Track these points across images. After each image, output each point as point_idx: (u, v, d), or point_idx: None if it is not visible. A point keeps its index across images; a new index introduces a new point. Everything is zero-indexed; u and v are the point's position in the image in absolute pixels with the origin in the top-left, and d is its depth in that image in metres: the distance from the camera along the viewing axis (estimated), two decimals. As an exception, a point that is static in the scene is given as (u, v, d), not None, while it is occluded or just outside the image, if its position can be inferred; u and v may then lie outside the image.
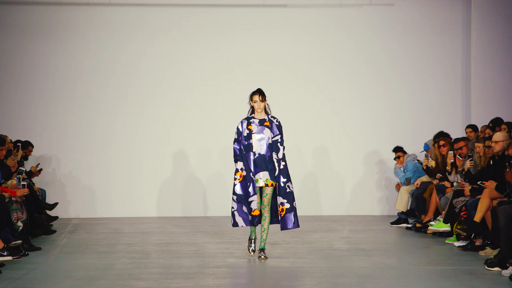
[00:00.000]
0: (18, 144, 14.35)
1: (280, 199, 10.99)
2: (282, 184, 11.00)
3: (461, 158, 13.61)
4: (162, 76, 16.81)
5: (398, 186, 15.45)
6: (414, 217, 14.67)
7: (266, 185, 10.97)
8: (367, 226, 15.18)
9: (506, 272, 9.91)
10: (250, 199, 10.96)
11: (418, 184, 14.64)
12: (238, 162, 11.04)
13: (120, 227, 15.05)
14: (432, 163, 14.37)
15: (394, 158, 15.62)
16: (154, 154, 16.80)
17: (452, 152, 13.61)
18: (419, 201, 14.42)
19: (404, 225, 14.90)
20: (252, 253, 11.19)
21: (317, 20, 16.92)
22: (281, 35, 16.89)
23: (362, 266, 10.80)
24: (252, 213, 10.99)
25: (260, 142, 11.03)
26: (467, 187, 12.58)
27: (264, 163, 10.98)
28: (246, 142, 11.04)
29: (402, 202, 15.06)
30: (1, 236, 10.96)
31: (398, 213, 15.19)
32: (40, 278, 10.16)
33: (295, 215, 11.08)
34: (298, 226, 11.16)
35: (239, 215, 11.04)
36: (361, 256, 11.63)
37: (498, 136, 12.27)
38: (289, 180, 11.06)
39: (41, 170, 15.34)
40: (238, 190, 11.01)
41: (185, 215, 16.66)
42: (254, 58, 16.83)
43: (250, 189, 10.92)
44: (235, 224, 11.07)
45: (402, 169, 15.40)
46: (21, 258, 11.37)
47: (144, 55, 16.80)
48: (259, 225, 11.17)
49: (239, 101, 13.41)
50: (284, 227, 11.10)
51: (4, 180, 12.46)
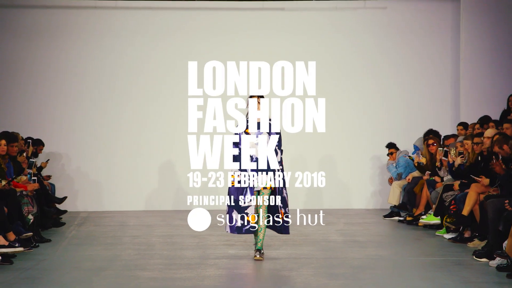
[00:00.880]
0: (28, 140, 14.36)
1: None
2: (279, 189, 10.38)
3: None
4: (165, 76, 16.82)
5: (390, 181, 15.47)
6: (406, 210, 14.69)
7: (265, 188, 10.33)
8: (361, 219, 15.20)
9: (493, 262, 9.93)
10: (245, 205, 10.29)
11: (409, 179, 14.67)
12: (236, 166, 10.43)
13: (125, 220, 15.06)
14: (423, 160, 14.41)
15: (387, 154, 15.65)
16: (158, 151, 16.80)
17: (441, 148, 13.63)
18: (411, 195, 14.45)
19: (396, 218, 14.92)
20: (259, 256, 10.33)
21: (313, 22, 16.93)
22: (279, 37, 16.90)
23: (357, 257, 10.82)
24: (247, 218, 10.29)
25: (257, 146, 10.42)
26: (457, 182, 12.62)
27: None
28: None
29: (395, 196, 15.09)
30: (13, 228, 10.98)
31: (391, 206, 15.21)
32: (49, 268, 10.18)
33: (288, 222, 10.43)
34: (288, 232, 10.52)
35: (228, 220, 10.36)
36: (355, 247, 11.65)
37: (489, 132, 12.32)
38: (284, 185, 10.41)
39: (48, 160, 15.37)
40: (232, 194, 10.41)
41: (188, 209, 16.67)
42: (253, 58, 16.81)
43: (248, 194, 10.29)
44: (225, 227, 10.44)
45: (394, 164, 15.43)
46: (31, 249, 11.39)
47: (148, 56, 16.81)
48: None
49: (239, 100, 13.39)
50: (285, 232, 10.45)
51: (15, 175, 12.48)
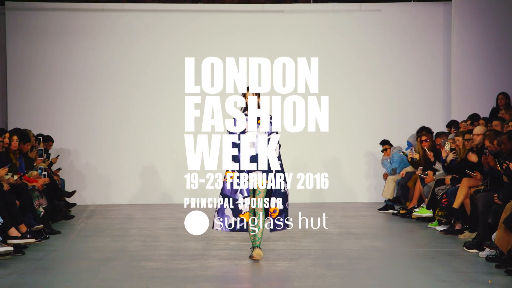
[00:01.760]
0: (39, 137, 14.38)
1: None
2: (277, 183, 9.72)
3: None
4: (169, 75, 16.82)
5: (385, 176, 15.48)
6: (399, 204, 14.70)
7: (260, 184, 9.65)
8: (357, 212, 15.20)
9: (482, 253, 9.95)
10: (238, 201, 9.63)
11: (403, 174, 14.68)
12: (231, 161, 9.74)
13: (132, 213, 15.07)
14: (416, 156, 14.43)
15: (382, 151, 15.65)
16: (163, 146, 16.81)
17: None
18: (404, 189, 14.46)
19: (390, 211, 14.93)
20: (259, 257, 9.68)
21: (312, 24, 16.92)
22: (279, 38, 16.91)
23: (353, 248, 10.83)
24: (240, 215, 9.61)
25: (254, 141, 9.76)
26: (448, 177, 12.64)
27: (258, 163, 9.66)
28: (239, 141, 9.77)
29: (389, 190, 15.10)
30: (24, 221, 11.00)
31: (385, 200, 15.22)
32: (59, 259, 10.21)
33: (285, 216, 9.76)
34: (286, 227, 9.80)
35: (218, 216, 9.73)
36: (351, 239, 11.66)
37: (479, 129, 12.34)
38: (284, 179, 9.81)
39: (58, 156, 15.40)
40: (226, 190, 9.74)
41: (190, 202, 16.65)
42: (254, 57, 16.80)
43: (243, 191, 9.62)
44: (213, 225, 9.83)
45: (388, 160, 15.44)
46: (42, 241, 11.41)
47: (153, 56, 16.81)
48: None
49: (239, 97, 13.39)
50: (274, 228, 9.71)
51: (27, 170, 12.50)
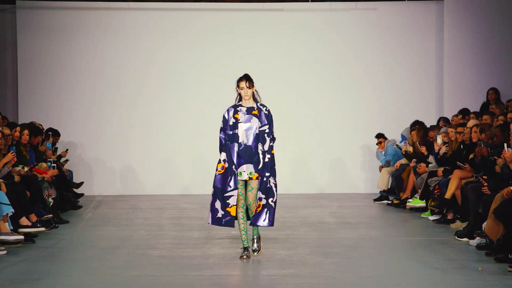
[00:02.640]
0: (49, 132, 14.39)
1: (259, 194, 8.94)
2: (265, 178, 8.94)
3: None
4: (172, 71, 16.82)
5: (380, 168, 15.50)
6: (394, 194, 14.72)
7: (250, 178, 8.97)
8: (353, 202, 15.22)
9: (473, 242, 9.97)
10: (227, 194, 8.93)
11: (397, 166, 14.69)
12: (222, 153, 9.01)
13: (137, 203, 15.09)
14: (410, 149, 14.45)
15: (376, 144, 15.66)
16: (166, 139, 16.82)
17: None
18: (398, 180, 14.47)
19: (385, 201, 14.94)
20: (246, 257, 9.03)
21: (310, 22, 16.92)
22: (278, 35, 16.90)
23: (349, 237, 10.84)
24: (227, 208, 8.92)
25: (247, 132, 9.00)
26: (440, 169, 12.65)
27: (249, 155, 8.97)
28: (232, 132, 8.99)
29: (384, 181, 15.11)
30: (34, 210, 11.03)
31: (380, 191, 15.24)
32: (68, 247, 10.23)
33: (271, 213, 8.92)
34: (271, 224, 8.95)
35: (210, 210, 9.05)
36: (347, 228, 11.68)
37: (471, 123, 12.35)
38: (272, 174, 8.97)
39: (67, 150, 15.42)
40: (217, 183, 9.00)
41: (194, 193, 16.70)
42: (255, 55, 16.84)
43: (231, 183, 8.92)
44: (208, 219, 9.13)
45: (383, 153, 15.45)
46: (51, 230, 11.44)
47: (157, 53, 16.81)
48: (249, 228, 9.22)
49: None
50: (253, 223, 8.93)
51: (37, 162, 12.52)
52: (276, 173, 9.06)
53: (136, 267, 8.66)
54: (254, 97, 9.13)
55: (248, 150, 8.98)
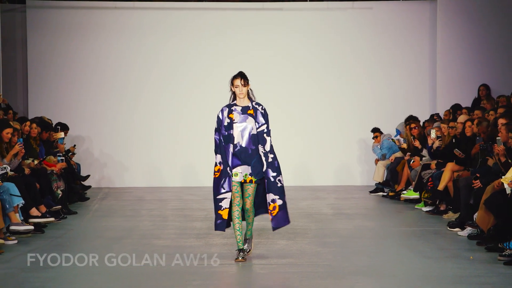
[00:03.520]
0: (58, 127, 14.40)
1: (270, 196, 8.32)
2: (272, 178, 8.30)
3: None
4: (175, 68, 16.82)
5: (376, 161, 15.51)
6: (389, 187, 14.73)
7: (245, 181, 8.30)
8: (350, 194, 15.23)
9: (465, 232, 9.99)
10: (220, 196, 8.27)
11: (392, 159, 14.71)
12: (217, 155, 8.41)
13: (143, 195, 15.10)
14: (404, 146, 14.48)
15: (372, 138, 15.66)
16: (170, 133, 16.83)
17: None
18: (393, 173, 14.49)
19: (380, 193, 14.95)
20: (242, 259, 8.39)
21: (308, 21, 16.91)
22: (278, 33, 16.89)
23: (345, 227, 10.86)
24: (219, 211, 8.26)
25: (242, 133, 8.32)
26: (433, 162, 12.66)
27: (245, 157, 8.30)
28: (226, 133, 8.33)
29: (379, 174, 15.12)
30: (44, 202, 11.05)
31: (376, 183, 15.25)
32: (76, 237, 10.26)
33: (287, 211, 8.45)
34: (289, 222, 8.50)
35: (215, 216, 8.42)
36: (344, 219, 11.70)
37: (462, 118, 12.36)
38: (279, 174, 8.35)
39: (75, 145, 15.43)
40: (214, 186, 8.40)
41: (197, 185, 16.72)
42: (256, 52, 16.83)
43: (225, 185, 8.24)
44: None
45: (379, 146, 15.46)
46: (60, 220, 11.47)
47: (161, 51, 16.80)
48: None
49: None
50: (277, 226, 8.42)
51: (46, 156, 12.54)
52: (281, 172, 8.40)
53: (141, 256, 8.68)
54: (249, 96, 8.45)
55: (244, 151, 8.30)
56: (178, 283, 7.41)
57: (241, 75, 8.37)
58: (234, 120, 8.33)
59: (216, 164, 8.40)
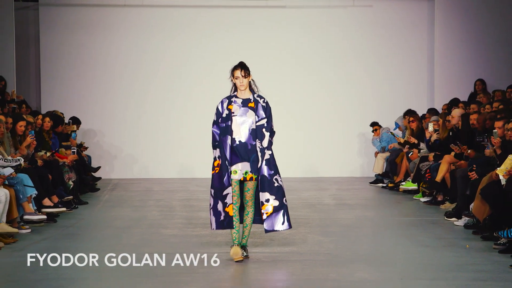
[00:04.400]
0: (69, 120, 14.41)
1: (265, 196, 7.62)
2: (268, 177, 7.59)
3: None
4: (182, 64, 16.81)
5: (376, 154, 15.49)
6: (388, 178, 14.72)
7: (245, 178, 7.62)
8: (351, 185, 15.22)
9: (461, 221, 9.98)
10: (225, 192, 7.59)
11: (391, 147, 14.75)
12: (215, 150, 7.71)
13: (151, 186, 15.10)
14: (401, 140, 14.46)
15: (372, 131, 15.65)
16: (177, 126, 16.81)
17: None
18: (392, 165, 14.47)
19: (380, 184, 14.94)
20: (238, 256, 7.74)
21: (310, 18, 16.86)
22: (281, 30, 16.86)
23: (346, 217, 10.85)
24: (226, 208, 7.57)
25: (241, 127, 7.63)
26: (431, 154, 12.64)
27: (245, 152, 7.61)
28: (224, 124, 7.63)
29: (379, 166, 15.11)
30: (56, 192, 11.06)
31: (376, 175, 15.23)
32: (87, 226, 10.26)
33: (286, 214, 7.69)
34: (290, 227, 7.77)
35: (213, 214, 7.69)
36: (345, 209, 11.69)
37: (457, 112, 12.34)
38: (277, 172, 7.64)
39: (84, 143, 15.44)
40: (215, 182, 7.65)
41: (203, 177, 16.70)
42: (258, 49, 16.80)
43: (225, 179, 7.54)
44: (211, 225, 7.77)
45: (378, 139, 15.45)
46: (72, 210, 11.47)
47: (168, 47, 16.78)
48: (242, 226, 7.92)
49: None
50: (269, 229, 7.71)
51: (58, 148, 12.54)
52: (279, 171, 7.72)
53: (149, 245, 8.68)
54: (251, 87, 7.75)
55: (243, 147, 7.60)
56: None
57: (241, 66, 7.70)
58: (233, 112, 7.66)
59: (215, 158, 7.70)
